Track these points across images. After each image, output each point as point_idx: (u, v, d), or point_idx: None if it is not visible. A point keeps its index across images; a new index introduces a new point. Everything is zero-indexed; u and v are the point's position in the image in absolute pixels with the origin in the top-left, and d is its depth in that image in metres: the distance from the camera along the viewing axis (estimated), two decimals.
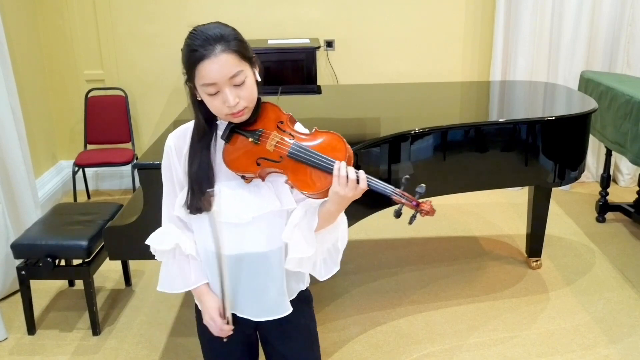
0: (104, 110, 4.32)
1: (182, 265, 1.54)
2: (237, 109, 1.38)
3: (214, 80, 1.34)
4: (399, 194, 1.40)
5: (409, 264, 3.39)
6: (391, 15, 4.32)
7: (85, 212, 2.99)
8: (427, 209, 1.41)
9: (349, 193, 1.36)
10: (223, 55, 1.33)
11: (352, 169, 1.37)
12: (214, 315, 1.52)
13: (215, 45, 1.33)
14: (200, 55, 1.33)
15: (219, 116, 1.43)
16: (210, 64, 1.33)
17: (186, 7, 4.25)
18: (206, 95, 1.38)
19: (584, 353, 2.61)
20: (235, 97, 1.36)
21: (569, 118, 2.85)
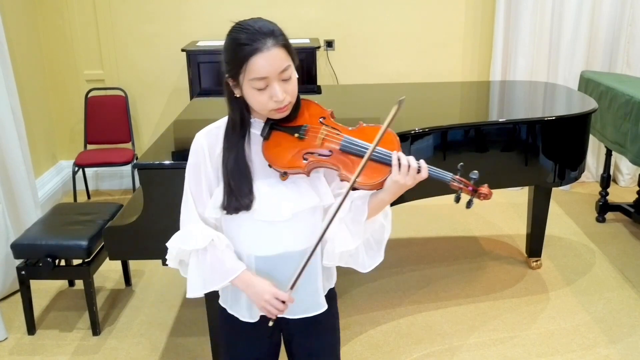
0: (104, 110, 4.32)
1: (218, 258, 1.46)
2: (284, 104, 1.38)
3: (265, 75, 1.34)
4: (457, 180, 1.44)
5: (409, 264, 3.39)
6: (391, 15, 4.32)
7: (85, 212, 2.99)
8: (485, 192, 1.45)
9: (409, 182, 1.38)
10: (274, 50, 1.34)
11: (412, 157, 1.39)
12: (275, 291, 1.44)
13: (267, 39, 1.34)
14: (252, 49, 1.32)
15: (261, 111, 1.42)
16: (262, 59, 1.33)
17: (186, 7, 4.25)
18: (253, 91, 1.36)
19: (584, 353, 2.61)
20: (283, 92, 1.36)
21: (569, 118, 2.85)
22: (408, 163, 1.38)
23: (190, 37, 4.26)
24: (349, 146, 1.41)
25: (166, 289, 3.20)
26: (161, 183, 2.20)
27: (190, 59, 3.95)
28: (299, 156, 1.41)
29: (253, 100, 1.39)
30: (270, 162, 1.42)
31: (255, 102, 1.39)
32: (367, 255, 1.53)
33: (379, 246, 1.54)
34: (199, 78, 4.00)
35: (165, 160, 2.27)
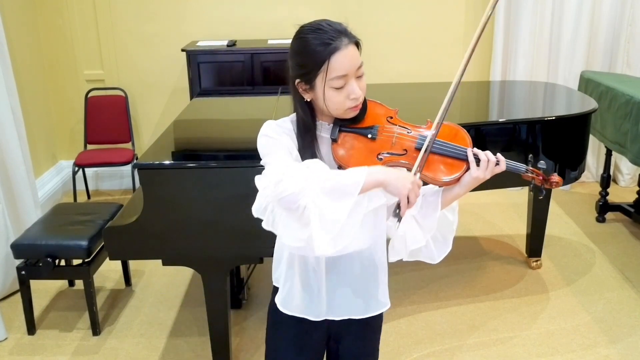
0: (104, 110, 4.32)
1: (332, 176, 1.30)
2: (360, 101, 1.40)
3: (346, 72, 1.35)
4: (530, 171, 1.51)
5: (409, 264, 3.38)
6: (391, 16, 4.32)
7: (85, 212, 2.99)
8: (557, 180, 1.51)
9: (488, 175, 1.42)
10: (351, 47, 1.37)
11: (489, 152, 1.43)
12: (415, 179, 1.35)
13: (343, 37, 1.36)
14: (334, 47, 1.34)
15: (336, 112, 1.40)
16: (343, 56, 1.34)
17: (186, 7, 4.25)
18: (331, 91, 1.36)
19: (584, 353, 2.61)
20: (360, 89, 1.39)
21: (569, 118, 2.85)
22: (487, 157, 1.41)
23: (190, 37, 4.26)
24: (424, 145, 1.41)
25: (166, 289, 3.20)
26: (161, 183, 2.20)
27: (190, 59, 3.96)
28: (372, 157, 1.42)
29: (331, 101, 1.38)
30: (343, 163, 1.41)
31: (332, 102, 1.38)
32: (435, 247, 1.54)
33: (448, 236, 1.55)
34: (199, 78, 4.00)
35: (165, 160, 2.27)
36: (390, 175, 1.32)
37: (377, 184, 1.31)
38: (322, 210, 1.27)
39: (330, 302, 1.51)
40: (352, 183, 1.28)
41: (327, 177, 1.30)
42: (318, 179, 1.29)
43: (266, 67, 3.96)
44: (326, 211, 1.27)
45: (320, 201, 1.27)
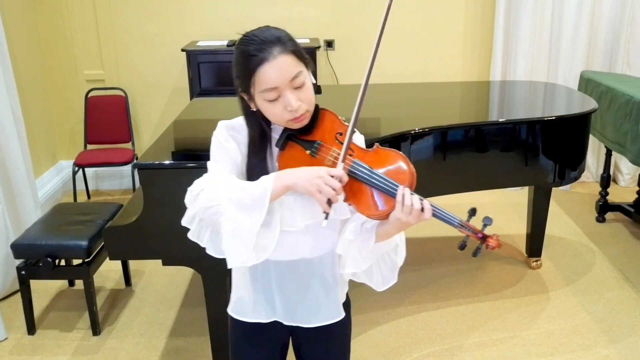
0: (104, 110, 4.32)
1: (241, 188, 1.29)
2: (299, 113, 1.33)
3: (275, 84, 1.29)
4: (465, 226, 1.32)
5: (409, 264, 3.36)
6: (391, 16, 4.29)
7: (85, 212, 2.99)
8: (494, 245, 1.33)
9: (412, 221, 1.29)
10: (282, 57, 1.29)
11: (417, 197, 1.29)
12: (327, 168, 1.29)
13: (273, 47, 1.29)
14: (259, 59, 1.28)
15: (278, 123, 1.37)
16: (270, 68, 1.28)
17: (186, 7, 4.25)
18: (266, 103, 1.32)
19: (584, 353, 2.61)
20: (297, 100, 1.31)
21: (569, 118, 2.85)
22: (411, 203, 1.28)
23: (190, 37, 4.26)
24: (356, 172, 1.32)
25: (166, 289, 3.20)
26: (161, 183, 2.20)
27: (190, 59, 3.96)
28: None
29: (267, 113, 1.35)
30: None
31: (270, 114, 1.35)
32: (381, 277, 1.49)
33: (394, 268, 1.49)
34: (199, 78, 4.00)
35: (165, 160, 2.27)
36: (297, 175, 1.28)
37: (286, 187, 1.28)
38: (234, 222, 1.26)
39: (279, 307, 1.50)
40: (260, 193, 1.27)
41: (240, 188, 1.29)
42: (231, 191, 1.28)
43: None
44: (239, 223, 1.26)
45: (232, 214, 1.26)
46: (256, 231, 1.27)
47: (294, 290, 1.49)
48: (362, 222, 1.40)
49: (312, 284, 1.49)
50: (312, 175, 1.26)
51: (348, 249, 1.40)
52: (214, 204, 1.27)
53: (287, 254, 1.46)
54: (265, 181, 1.28)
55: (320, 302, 1.51)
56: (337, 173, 1.27)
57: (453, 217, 1.31)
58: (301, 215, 1.39)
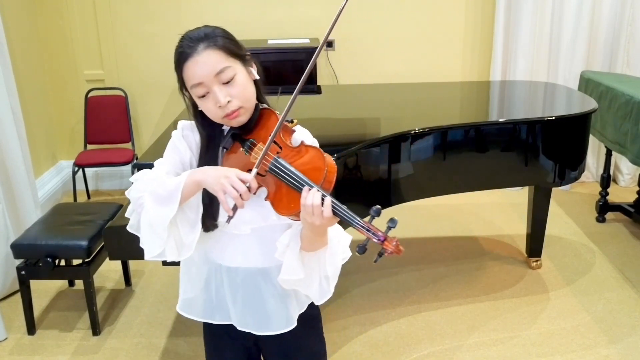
0: (104, 110, 4.32)
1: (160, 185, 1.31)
2: (230, 109, 1.32)
3: (200, 79, 1.31)
4: (365, 227, 1.21)
5: (409, 264, 3.39)
6: (391, 15, 4.31)
7: (85, 212, 2.99)
8: (391, 249, 1.21)
9: (316, 221, 1.22)
10: (206, 52, 1.30)
11: (319, 194, 1.22)
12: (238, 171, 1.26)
13: (199, 44, 1.31)
14: (185, 55, 1.31)
15: (215, 120, 1.37)
16: (195, 63, 1.30)
17: (186, 7, 4.25)
18: (198, 99, 1.34)
19: (584, 353, 2.61)
20: (226, 96, 1.31)
21: (569, 118, 2.85)
22: (312, 202, 1.21)
23: None
24: (274, 169, 1.29)
25: (166, 289, 3.20)
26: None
27: None
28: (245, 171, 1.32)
29: (203, 109, 1.36)
30: None
31: (205, 110, 1.35)
32: (319, 289, 1.42)
33: (327, 283, 1.43)
34: None
35: None
36: (207, 172, 1.28)
37: (196, 183, 1.29)
38: (150, 215, 1.29)
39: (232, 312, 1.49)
40: (174, 187, 1.28)
41: (159, 182, 1.30)
42: (152, 185, 1.30)
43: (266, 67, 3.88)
44: (154, 216, 1.28)
45: (149, 206, 1.29)
46: (166, 225, 1.28)
47: (246, 298, 1.47)
48: (300, 228, 1.35)
49: (264, 293, 1.47)
50: (220, 175, 1.25)
51: (285, 254, 1.35)
52: (139, 195, 1.32)
53: (238, 260, 1.45)
54: (181, 176, 1.30)
55: (270, 311, 1.47)
56: (245, 177, 1.25)
57: (353, 218, 1.21)
58: (249, 219, 1.37)
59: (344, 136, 2.55)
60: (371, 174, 2.51)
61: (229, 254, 1.45)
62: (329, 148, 1.40)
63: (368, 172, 2.49)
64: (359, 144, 2.37)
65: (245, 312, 1.49)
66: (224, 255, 1.46)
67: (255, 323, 1.49)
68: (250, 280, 1.46)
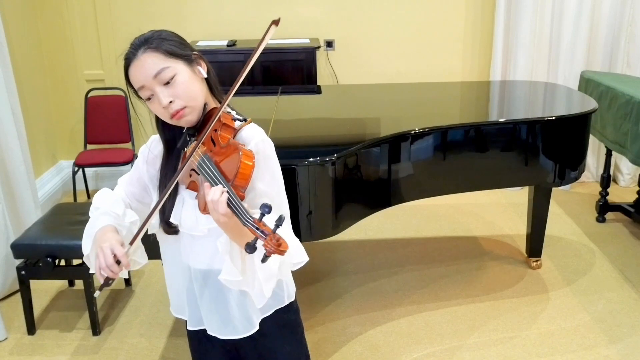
0: (104, 110, 4.32)
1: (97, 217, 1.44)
2: (174, 109, 1.33)
3: (142, 83, 1.34)
4: (252, 224, 1.15)
5: (409, 264, 3.39)
6: (391, 15, 4.32)
7: (85, 212, 2.95)
8: (270, 249, 1.11)
9: (214, 216, 1.22)
10: (143, 56, 1.33)
11: (219, 190, 1.20)
12: (115, 244, 1.32)
13: (139, 48, 1.33)
14: (128, 61, 1.35)
15: (167, 121, 1.40)
16: (134, 68, 1.34)
17: (186, 7, 4.25)
18: (148, 102, 1.37)
19: (584, 353, 2.61)
20: (168, 97, 1.33)
21: (569, 118, 2.85)
22: (211, 198, 1.20)
23: (190, 37, 4.26)
24: (199, 167, 1.30)
25: (166, 289, 3.19)
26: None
27: None
28: (187, 170, 1.35)
29: (154, 112, 1.40)
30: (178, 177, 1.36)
31: (156, 113, 1.39)
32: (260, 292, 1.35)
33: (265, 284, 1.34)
34: None
35: None
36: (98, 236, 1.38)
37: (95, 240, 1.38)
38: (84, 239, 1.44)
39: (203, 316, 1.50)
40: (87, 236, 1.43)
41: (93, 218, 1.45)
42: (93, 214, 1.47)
43: (266, 67, 3.96)
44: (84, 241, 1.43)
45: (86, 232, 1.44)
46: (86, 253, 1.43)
47: (211, 300, 1.48)
48: None
49: (226, 296, 1.46)
50: (100, 242, 1.35)
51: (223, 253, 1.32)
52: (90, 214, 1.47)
53: (200, 261, 1.45)
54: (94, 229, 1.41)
55: (233, 315, 1.47)
56: (118, 252, 1.32)
57: (244, 213, 1.17)
58: (205, 219, 1.35)
59: (344, 136, 2.54)
60: (371, 174, 2.51)
61: (193, 255, 1.46)
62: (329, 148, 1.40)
63: (368, 172, 2.49)
64: (359, 144, 2.37)
65: (211, 316, 1.49)
66: (189, 257, 1.47)
67: (219, 327, 1.49)
68: (213, 283, 1.45)
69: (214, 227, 1.32)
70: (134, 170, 1.53)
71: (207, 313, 1.49)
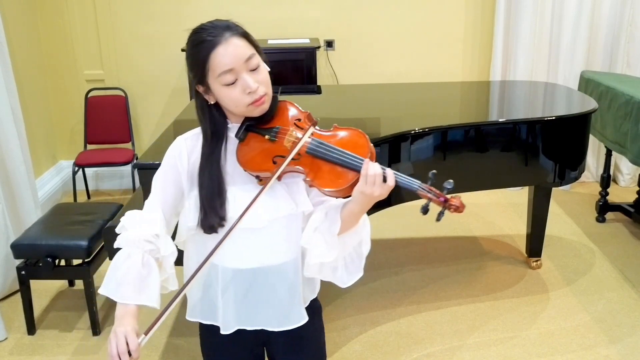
0: (104, 110, 4.32)
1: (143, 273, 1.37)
2: (259, 94, 1.33)
3: (231, 66, 1.30)
4: (426, 189, 1.31)
5: (409, 264, 3.39)
6: (391, 15, 4.31)
7: (85, 212, 2.99)
8: (457, 204, 1.30)
9: (376, 191, 1.28)
10: (234, 39, 1.32)
11: (378, 165, 1.30)
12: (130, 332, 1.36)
13: (224, 32, 1.32)
14: (212, 43, 1.30)
15: (238, 109, 1.36)
16: (224, 50, 1.30)
17: (186, 7, 4.25)
18: (224, 88, 1.32)
19: (584, 353, 2.61)
20: (255, 82, 1.32)
21: (569, 118, 2.85)
22: (374, 172, 1.28)
23: None
24: (315, 149, 1.35)
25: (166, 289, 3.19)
26: None
27: None
28: (269, 159, 1.36)
29: (227, 100, 1.34)
30: (242, 164, 1.37)
31: (229, 100, 1.34)
32: (346, 271, 1.45)
33: (359, 261, 1.46)
34: None
35: None
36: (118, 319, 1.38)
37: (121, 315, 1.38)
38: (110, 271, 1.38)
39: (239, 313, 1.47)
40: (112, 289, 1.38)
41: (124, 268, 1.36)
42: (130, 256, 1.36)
43: None
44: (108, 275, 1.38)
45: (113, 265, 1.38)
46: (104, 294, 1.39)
47: (257, 295, 1.46)
48: (326, 210, 1.39)
49: (277, 288, 1.46)
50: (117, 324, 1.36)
51: (312, 239, 1.37)
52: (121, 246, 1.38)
53: (248, 260, 1.43)
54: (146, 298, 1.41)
55: (283, 306, 1.47)
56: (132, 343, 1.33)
57: (413, 182, 1.31)
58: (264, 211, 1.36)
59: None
60: None
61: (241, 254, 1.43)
62: None
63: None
64: None
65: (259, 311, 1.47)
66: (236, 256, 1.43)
67: (269, 320, 1.48)
68: (265, 276, 1.44)
69: (274, 219, 1.37)
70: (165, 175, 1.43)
71: (255, 309, 1.47)
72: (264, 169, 1.36)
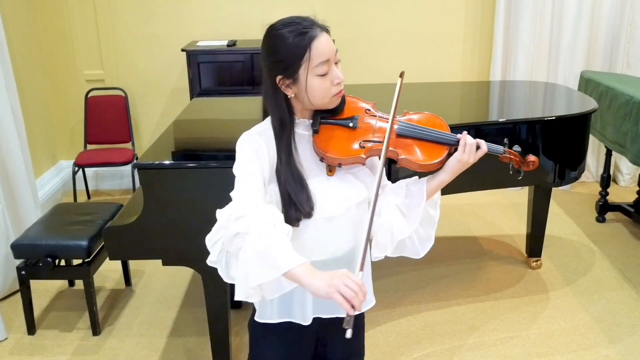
0: (104, 110, 4.32)
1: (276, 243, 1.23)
2: (342, 86, 1.42)
3: (328, 56, 1.38)
4: (508, 152, 1.58)
5: (409, 264, 3.39)
6: (391, 15, 4.31)
7: (85, 212, 2.99)
8: (533, 160, 1.58)
9: (471, 158, 1.48)
10: (325, 34, 1.42)
11: (465, 134, 1.49)
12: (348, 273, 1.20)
13: (316, 26, 1.42)
14: (312, 35, 1.38)
15: (321, 102, 1.39)
16: (323, 41, 1.38)
17: (186, 7, 4.25)
18: (317, 79, 1.37)
19: (584, 353, 2.61)
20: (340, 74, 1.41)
21: (569, 118, 2.85)
22: (471, 142, 1.47)
23: (190, 37, 4.26)
24: (407, 129, 1.48)
25: (166, 289, 3.20)
26: (161, 183, 2.20)
27: (190, 59, 3.95)
28: (355, 144, 1.44)
29: (317, 90, 1.38)
30: (326, 152, 1.41)
31: (319, 91, 1.38)
32: (418, 242, 1.56)
33: (430, 230, 1.56)
34: (198, 78, 4.00)
35: (165, 160, 2.27)
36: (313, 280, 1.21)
37: (297, 280, 1.22)
38: (248, 265, 1.23)
39: (316, 302, 1.48)
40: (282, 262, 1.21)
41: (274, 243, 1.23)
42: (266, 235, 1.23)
43: None
44: (251, 268, 1.23)
45: (251, 255, 1.23)
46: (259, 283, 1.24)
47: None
48: (406, 185, 1.51)
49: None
50: (331, 282, 1.19)
51: (393, 217, 1.48)
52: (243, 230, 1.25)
53: (326, 250, 1.46)
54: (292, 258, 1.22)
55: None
56: (357, 279, 1.20)
57: (498, 147, 1.56)
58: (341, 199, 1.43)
59: None
60: None
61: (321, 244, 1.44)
62: None
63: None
64: None
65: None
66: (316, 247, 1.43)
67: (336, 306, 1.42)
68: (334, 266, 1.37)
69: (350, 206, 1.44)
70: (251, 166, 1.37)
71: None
72: (352, 154, 1.43)
